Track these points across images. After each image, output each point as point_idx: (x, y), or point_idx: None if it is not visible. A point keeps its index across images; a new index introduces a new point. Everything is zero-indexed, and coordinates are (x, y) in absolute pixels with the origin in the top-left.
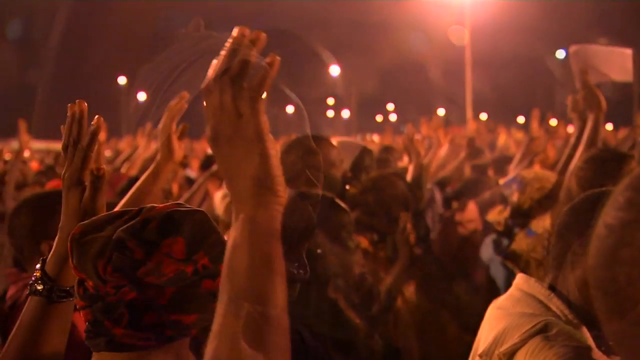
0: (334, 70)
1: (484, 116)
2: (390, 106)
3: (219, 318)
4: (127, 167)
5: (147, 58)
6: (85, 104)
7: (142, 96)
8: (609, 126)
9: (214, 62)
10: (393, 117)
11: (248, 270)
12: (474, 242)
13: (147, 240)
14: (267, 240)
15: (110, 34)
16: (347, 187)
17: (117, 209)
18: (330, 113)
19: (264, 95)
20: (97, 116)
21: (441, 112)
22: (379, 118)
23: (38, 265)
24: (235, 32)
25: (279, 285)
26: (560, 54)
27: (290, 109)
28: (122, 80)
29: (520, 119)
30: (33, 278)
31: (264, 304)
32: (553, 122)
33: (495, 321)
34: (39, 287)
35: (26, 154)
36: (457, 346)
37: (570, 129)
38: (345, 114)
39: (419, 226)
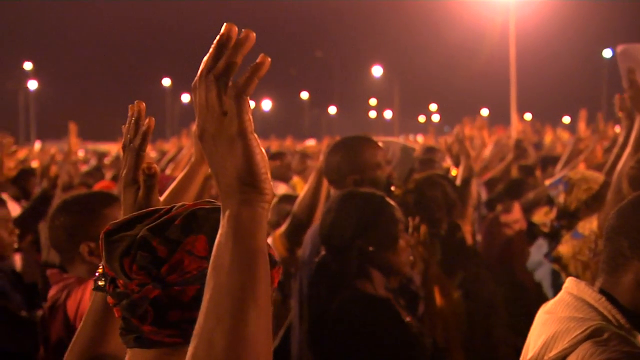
0: (377, 70)
1: (528, 116)
2: (433, 106)
3: (200, 316)
4: (172, 168)
5: (191, 60)
6: (144, 105)
7: (186, 97)
8: None
9: (205, 58)
10: (436, 118)
11: (229, 267)
12: (520, 243)
13: (171, 239)
14: (250, 238)
15: (153, 36)
16: (392, 188)
17: None
18: (372, 114)
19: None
20: (148, 117)
21: (485, 112)
22: (422, 118)
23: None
24: (223, 28)
25: (260, 284)
26: (607, 52)
27: (332, 110)
28: (166, 82)
29: (566, 119)
30: (97, 274)
31: (243, 302)
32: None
33: (545, 326)
34: (101, 283)
35: (81, 153)
36: (505, 349)
37: (618, 129)
38: (388, 114)
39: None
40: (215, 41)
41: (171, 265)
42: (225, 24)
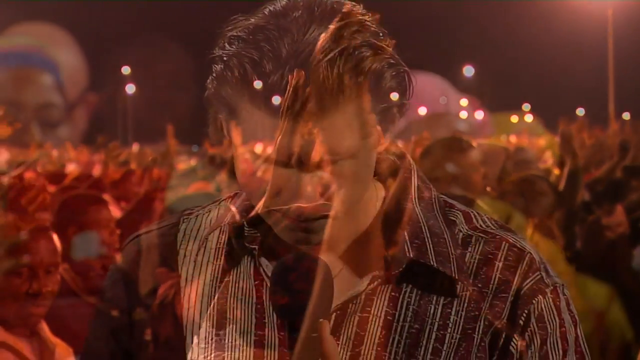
0: (468, 70)
1: (626, 116)
2: (526, 106)
3: None
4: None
5: None
6: None
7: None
8: None
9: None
10: (529, 118)
11: None
12: (623, 247)
13: None
14: None
15: None
16: (488, 189)
17: None
18: (463, 114)
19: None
20: None
21: (580, 111)
22: (514, 119)
23: None
24: (345, 8)
25: None
26: None
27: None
28: (258, 84)
29: None
30: None
31: None
32: None
33: None
34: None
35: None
36: (610, 352)
37: None
38: (479, 115)
39: (568, 230)
40: (334, 24)
41: None
42: (346, 4)
